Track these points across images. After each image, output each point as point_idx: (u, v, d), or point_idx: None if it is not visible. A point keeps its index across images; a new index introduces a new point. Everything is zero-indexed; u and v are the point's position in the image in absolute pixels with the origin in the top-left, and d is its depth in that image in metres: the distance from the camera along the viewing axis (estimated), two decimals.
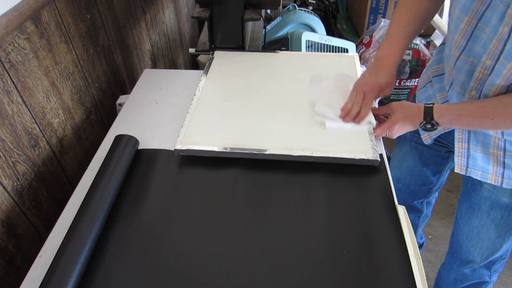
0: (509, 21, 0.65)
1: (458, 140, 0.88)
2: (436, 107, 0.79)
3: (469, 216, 0.98)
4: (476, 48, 0.74)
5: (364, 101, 0.86)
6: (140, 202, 0.73)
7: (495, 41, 0.69)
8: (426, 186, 1.19)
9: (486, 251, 1.00)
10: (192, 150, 0.80)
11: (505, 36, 0.67)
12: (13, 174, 0.75)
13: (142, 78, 1.09)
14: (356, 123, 0.85)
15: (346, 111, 0.86)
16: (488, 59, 0.72)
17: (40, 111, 0.82)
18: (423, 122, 0.80)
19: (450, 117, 0.78)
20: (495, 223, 0.93)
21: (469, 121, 0.77)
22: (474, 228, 0.98)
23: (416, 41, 2.26)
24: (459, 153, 0.88)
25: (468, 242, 1.02)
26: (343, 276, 0.62)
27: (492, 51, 0.70)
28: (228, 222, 0.70)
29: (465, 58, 0.77)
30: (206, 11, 1.16)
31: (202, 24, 1.47)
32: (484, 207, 0.93)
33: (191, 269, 0.63)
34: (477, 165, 0.87)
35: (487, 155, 0.85)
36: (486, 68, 0.73)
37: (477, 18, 0.72)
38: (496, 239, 0.96)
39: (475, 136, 0.85)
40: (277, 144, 0.81)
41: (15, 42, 0.73)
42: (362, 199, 0.74)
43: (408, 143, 1.12)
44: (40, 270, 0.63)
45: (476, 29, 0.73)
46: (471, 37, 0.74)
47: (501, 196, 0.88)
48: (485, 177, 0.87)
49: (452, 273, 1.14)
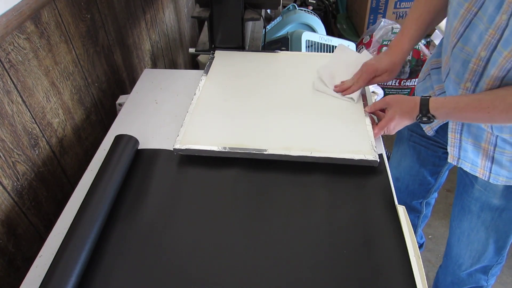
0: (508, 9, 0.65)
1: (451, 130, 0.88)
2: (432, 100, 0.78)
3: (460, 218, 0.98)
4: (473, 38, 0.74)
5: (358, 80, 0.93)
6: (140, 202, 0.73)
7: (491, 30, 0.69)
8: (425, 187, 1.19)
9: (477, 253, 1.00)
10: (191, 150, 0.80)
11: (503, 25, 0.67)
12: (13, 174, 0.75)
13: (142, 78, 1.09)
14: (342, 95, 0.95)
15: (342, 83, 0.96)
16: (483, 50, 0.72)
17: (40, 111, 0.82)
18: (419, 115, 0.80)
19: (446, 110, 0.77)
20: (485, 225, 0.93)
21: (465, 114, 0.77)
22: (464, 231, 0.98)
23: None
24: (452, 143, 0.89)
25: (460, 244, 1.02)
26: (343, 276, 0.62)
27: (488, 41, 0.70)
28: (228, 222, 0.70)
29: (462, 46, 0.77)
30: (206, 11, 1.16)
31: (202, 24, 1.47)
32: (474, 209, 0.93)
33: (190, 268, 0.63)
34: (467, 157, 0.87)
35: (478, 148, 0.85)
36: (481, 59, 0.73)
37: (477, 5, 0.72)
38: (486, 241, 0.96)
39: (468, 128, 0.85)
40: (276, 144, 0.81)
41: (15, 42, 0.73)
42: (362, 199, 0.74)
43: (406, 143, 1.12)
44: (40, 270, 0.63)
45: (475, 17, 0.73)
46: (470, 24, 0.74)
47: (491, 197, 0.88)
48: (474, 170, 0.87)
49: (449, 276, 1.14)
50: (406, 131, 1.10)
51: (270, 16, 2.37)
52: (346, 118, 0.88)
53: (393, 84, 2.32)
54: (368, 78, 0.93)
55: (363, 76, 0.93)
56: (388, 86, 2.33)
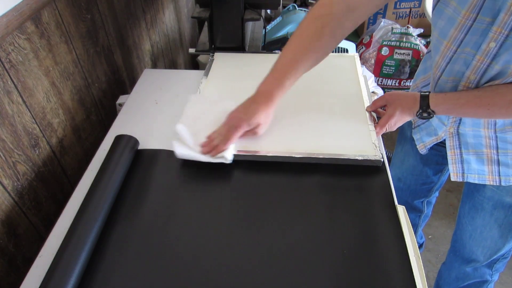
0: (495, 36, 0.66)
1: (450, 148, 0.88)
2: (432, 96, 0.78)
3: (472, 215, 0.98)
4: (456, 68, 0.75)
5: (226, 135, 0.77)
6: (140, 202, 0.73)
7: (478, 56, 0.70)
8: (427, 186, 1.19)
9: (489, 250, 1.00)
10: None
11: (493, 51, 0.68)
12: (13, 174, 0.75)
13: (142, 78, 1.09)
14: (211, 156, 0.78)
15: (209, 140, 0.79)
16: (472, 74, 0.73)
17: (40, 111, 0.82)
18: (419, 111, 0.79)
19: (447, 106, 0.77)
20: (498, 222, 0.93)
21: (464, 110, 0.77)
22: (477, 228, 0.98)
23: (416, 41, 2.26)
24: (453, 160, 0.89)
25: (472, 241, 1.02)
26: (343, 276, 0.62)
27: (476, 66, 0.71)
28: (228, 221, 0.70)
29: (446, 78, 0.78)
30: (206, 11, 1.16)
31: (202, 24, 1.47)
32: (487, 207, 0.93)
33: (190, 269, 0.63)
34: (472, 169, 0.87)
35: (481, 155, 0.85)
36: (470, 83, 0.74)
37: (456, 44, 0.73)
38: (499, 238, 0.96)
39: (465, 140, 0.85)
40: (278, 145, 0.81)
41: (15, 42, 0.73)
42: (362, 199, 0.74)
43: (409, 143, 1.12)
44: (40, 270, 0.63)
45: (455, 54, 0.74)
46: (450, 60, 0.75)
47: (504, 196, 0.89)
48: (483, 179, 0.87)
49: (453, 271, 1.14)
50: (409, 131, 1.10)
51: (270, 16, 2.37)
52: (348, 118, 0.88)
53: (393, 85, 2.33)
54: (237, 134, 0.78)
55: (232, 131, 0.77)
56: (388, 86, 2.33)
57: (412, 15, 2.73)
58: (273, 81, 0.79)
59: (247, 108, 0.79)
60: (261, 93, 0.80)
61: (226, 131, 0.78)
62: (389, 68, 2.26)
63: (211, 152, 0.78)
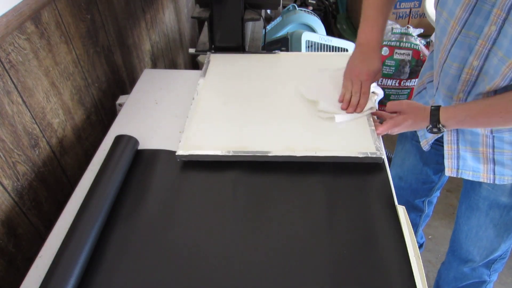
0: (495, 19, 0.66)
1: (447, 142, 0.88)
2: (442, 110, 0.78)
3: (468, 215, 0.99)
4: (461, 53, 0.75)
5: (362, 89, 0.87)
6: (140, 202, 0.73)
7: (481, 41, 0.70)
8: (428, 185, 1.19)
9: (485, 250, 1.00)
10: (195, 155, 0.79)
11: (493, 35, 0.68)
12: (13, 174, 0.75)
13: (142, 78, 1.09)
14: (359, 112, 0.87)
15: (346, 102, 0.88)
16: (475, 60, 0.72)
17: (40, 112, 0.82)
18: (429, 126, 0.79)
19: (458, 119, 0.77)
20: (494, 222, 0.93)
21: (476, 121, 0.77)
22: (473, 228, 0.99)
23: (416, 41, 2.26)
24: (449, 155, 0.89)
25: (468, 241, 1.02)
26: (343, 276, 0.62)
27: (479, 51, 0.71)
28: (229, 221, 0.70)
29: (451, 63, 0.77)
30: (206, 11, 1.16)
31: (202, 24, 1.47)
32: (483, 207, 0.93)
33: (191, 270, 0.63)
34: (467, 166, 0.87)
35: (476, 153, 0.85)
36: (474, 69, 0.74)
37: (461, 24, 0.72)
38: (495, 238, 0.96)
39: (463, 136, 0.85)
40: (279, 145, 0.81)
41: (15, 42, 0.73)
42: (362, 199, 0.74)
43: (409, 142, 1.12)
44: (40, 270, 0.63)
45: (460, 35, 0.73)
46: (455, 42, 0.75)
47: (499, 196, 0.89)
48: (477, 176, 0.87)
49: (452, 271, 1.14)
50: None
51: (270, 16, 2.37)
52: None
53: (393, 85, 2.32)
54: (370, 84, 0.87)
55: (365, 84, 0.87)
56: (388, 86, 2.33)
57: (412, 15, 2.72)
58: (371, 29, 0.87)
59: (363, 60, 0.87)
60: (366, 44, 0.88)
61: (359, 87, 0.87)
62: (389, 68, 2.25)
63: (357, 109, 0.86)
